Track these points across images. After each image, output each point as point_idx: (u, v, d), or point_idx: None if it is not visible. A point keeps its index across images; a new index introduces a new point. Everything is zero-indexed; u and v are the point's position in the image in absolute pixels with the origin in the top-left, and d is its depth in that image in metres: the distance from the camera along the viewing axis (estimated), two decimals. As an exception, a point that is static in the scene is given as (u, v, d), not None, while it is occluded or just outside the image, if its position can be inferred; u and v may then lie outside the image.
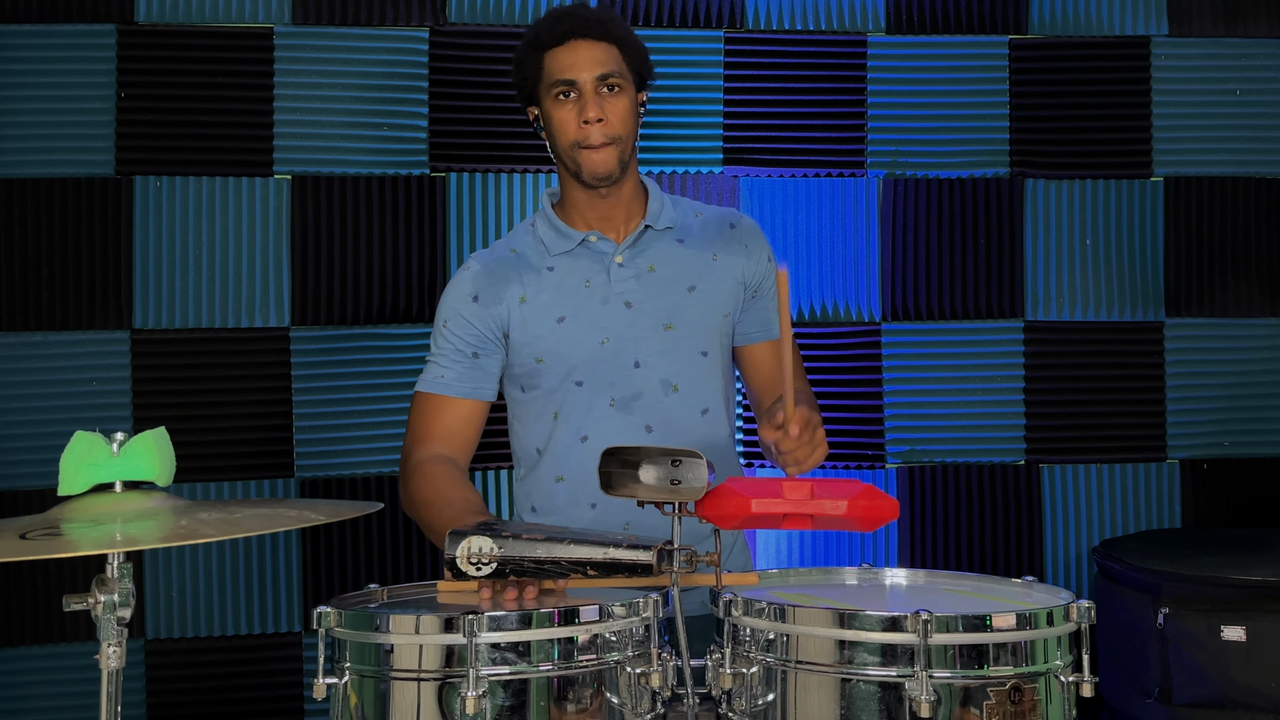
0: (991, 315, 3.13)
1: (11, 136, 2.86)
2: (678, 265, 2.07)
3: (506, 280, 2.04)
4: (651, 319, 2.04)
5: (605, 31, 1.99)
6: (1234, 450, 3.18)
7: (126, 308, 2.88)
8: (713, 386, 2.08)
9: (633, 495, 1.51)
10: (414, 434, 2.03)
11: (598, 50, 1.97)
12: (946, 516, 3.10)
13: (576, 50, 1.97)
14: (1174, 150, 3.16)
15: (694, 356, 2.06)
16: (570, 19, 1.99)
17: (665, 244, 2.09)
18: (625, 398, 2.03)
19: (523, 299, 2.03)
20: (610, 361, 2.02)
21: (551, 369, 2.03)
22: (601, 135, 1.97)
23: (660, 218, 2.09)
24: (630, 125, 2.02)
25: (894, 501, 1.53)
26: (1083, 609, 1.48)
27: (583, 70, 1.96)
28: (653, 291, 2.05)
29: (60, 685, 2.82)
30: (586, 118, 1.95)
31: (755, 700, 1.49)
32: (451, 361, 2.03)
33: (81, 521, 1.38)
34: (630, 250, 2.06)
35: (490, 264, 2.07)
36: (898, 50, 3.11)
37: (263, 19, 2.93)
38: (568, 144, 1.99)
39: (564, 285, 2.04)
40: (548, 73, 1.99)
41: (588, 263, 2.06)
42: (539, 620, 1.44)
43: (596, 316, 2.03)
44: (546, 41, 1.99)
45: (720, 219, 2.16)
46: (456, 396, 2.02)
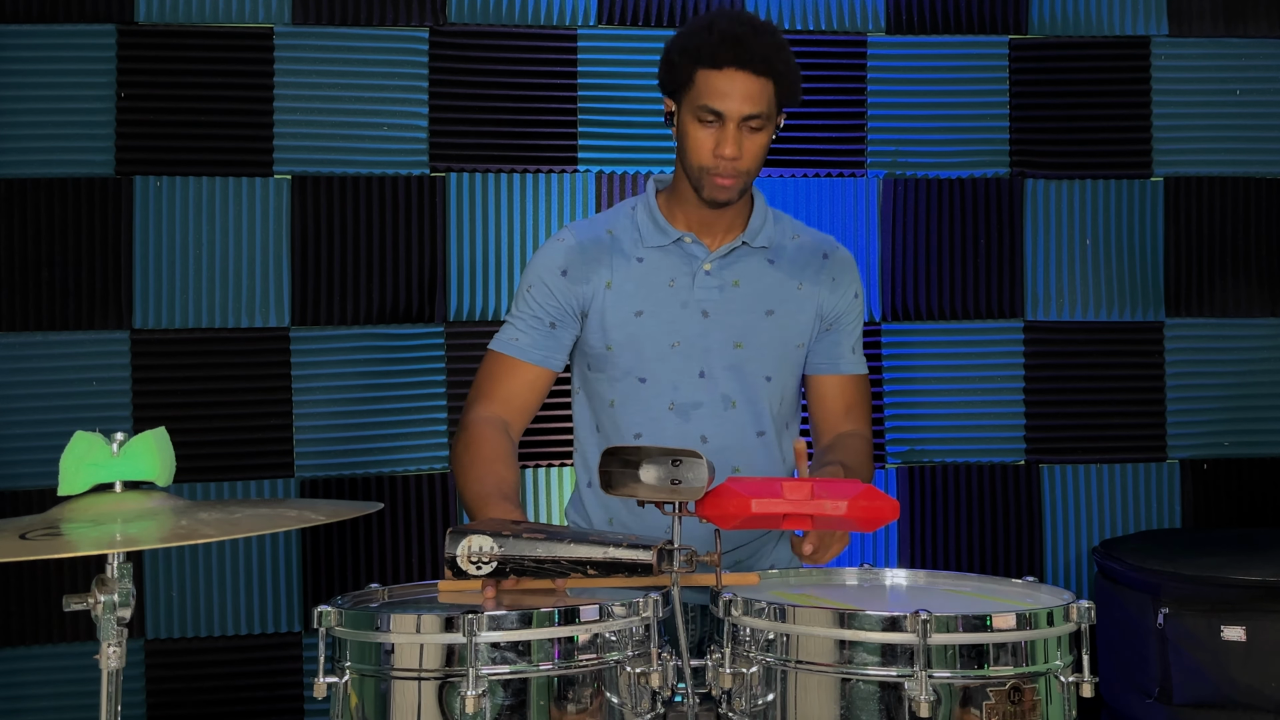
0: (991, 315, 3.12)
1: (11, 136, 2.85)
2: (762, 286, 2.07)
3: (598, 261, 2.05)
4: (724, 333, 2.04)
5: (768, 67, 1.91)
6: (1234, 450, 3.18)
7: (126, 308, 2.88)
8: (772, 412, 2.08)
9: (633, 495, 1.51)
10: (479, 389, 2.06)
11: (753, 86, 1.90)
12: (946, 516, 3.10)
13: (733, 81, 1.89)
14: (1174, 150, 3.16)
15: (757, 379, 2.06)
16: (736, 47, 1.90)
17: (756, 262, 2.08)
18: (685, 404, 2.03)
19: (609, 284, 2.04)
20: (676, 366, 2.03)
21: (619, 359, 2.03)
22: (733, 170, 1.94)
23: (759, 235, 2.07)
24: (761, 159, 1.98)
25: (894, 502, 1.53)
26: (1083, 609, 1.48)
27: (732, 104, 1.90)
28: (731, 306, 2.05)
29: (60, 685, 2.82)
30: (723, 153, 1.91)
31: (755, 700, 1.49)
32: (528, 326, 2.05)
33: (81, 521, 1.38)
34: (720, 261, 2.05)
35: (585, 241, 2.07)
36: (898, 50, 3.11)
37: (263, 19, 2.93)
38: (697, 164, 1.95)
39: (649, 279, 2.04)
40: (697, 90, 1.92)
41: (677, 262, 2.05)
42: (539, 620, 1.44)
43: (673, 318, 2.03)
44: (706, 60, 1.91)
45: (815, 246, 2.14)
46: (527, 361, 2.04)
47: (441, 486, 2.98)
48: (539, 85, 3.01)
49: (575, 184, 3.02)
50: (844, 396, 2.14)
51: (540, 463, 2.99)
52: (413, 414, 2.97)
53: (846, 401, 2.14)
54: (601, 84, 3.02)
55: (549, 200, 3.01)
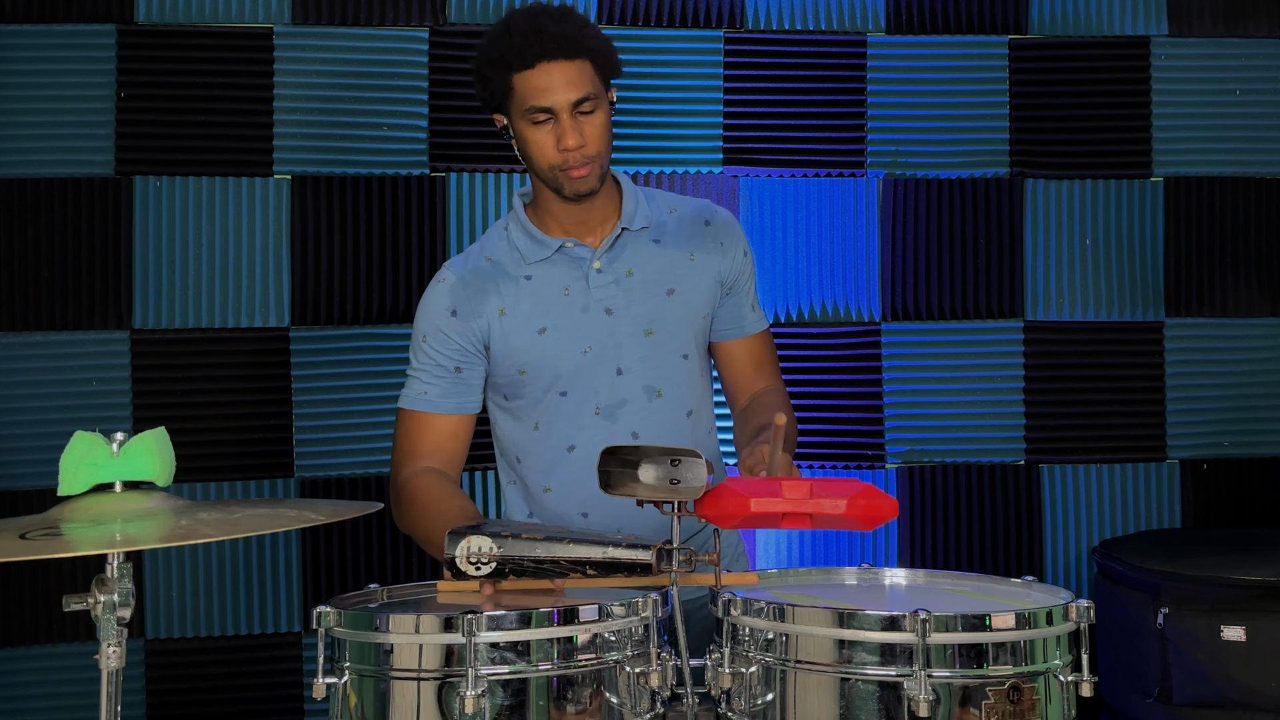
0: (991, 315, 3.13)
1: (11, 136, 2.86)
2: (655, 268, 2.05)
3: (484, 292, 2.01)
4: (632, 325, 2.02)
5: (577, 47, 1.90)
6: (1234, 450, 3.18)
7: (126, 308, 2.88)
8: (694, 388, 2.08)
9: (632, 494, 1.51)
10: (401, 451, 2.01)
11: (571, 70, 1.89)
12: (946, 516, 3.10)
13: (550, 73, 1.88)
14: (1174, 150, 3.16)
15: (675, 360, 2.05)
16: (540, 40, 1.89)
17: (642, 245, 2.06)
18: (609, 405, 2.01)
19: (502, 311, 2.00)
20: (593, 370, 2.01)
21: (535, 380, 2.01)
22: (581, 158, 1.92)
23: (635, 218, 2.05)
24: (607, 140, 1.96)
25: (893, 501, 1.53)
26: (1082, 608, 1.48)
27: (558, 95, 1.89)
28: (632, 297, 2.03)
29: (60, 685, 2.82)
30: (566, 145, 1.90)
31: (754, 700, 1.49)
32: (434, 378, 2.00)
33: (81, 521, 1.38)
34: (608, 255, 2.03)
35: (466, 275, 2.03)
36: (898, 50, 3.11)
37: (263, 19, 2.93)
38: (547, 166, 1.94)
39: (543, 294, 2.01)
40: (520, 96, 1.90)
41: (566, 269, 2.02)
42: (538, 620, 1.44)
43: (578, 325, 2.00)
44: (516, 63, 1.90)
45: (695, 215, 2.12)
46: (442, 413, 2.00)
47: (441, 486, 2.98)
48: (539, 85, 3.01)
49: (575, 184, 3.02)
50: (753, 355, 2.15)
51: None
52: (413, 414, 2.97)
53: (756, 360, 2.15)
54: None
55: (549, 200, 3.01)
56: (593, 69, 1.93)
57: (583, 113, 1.91)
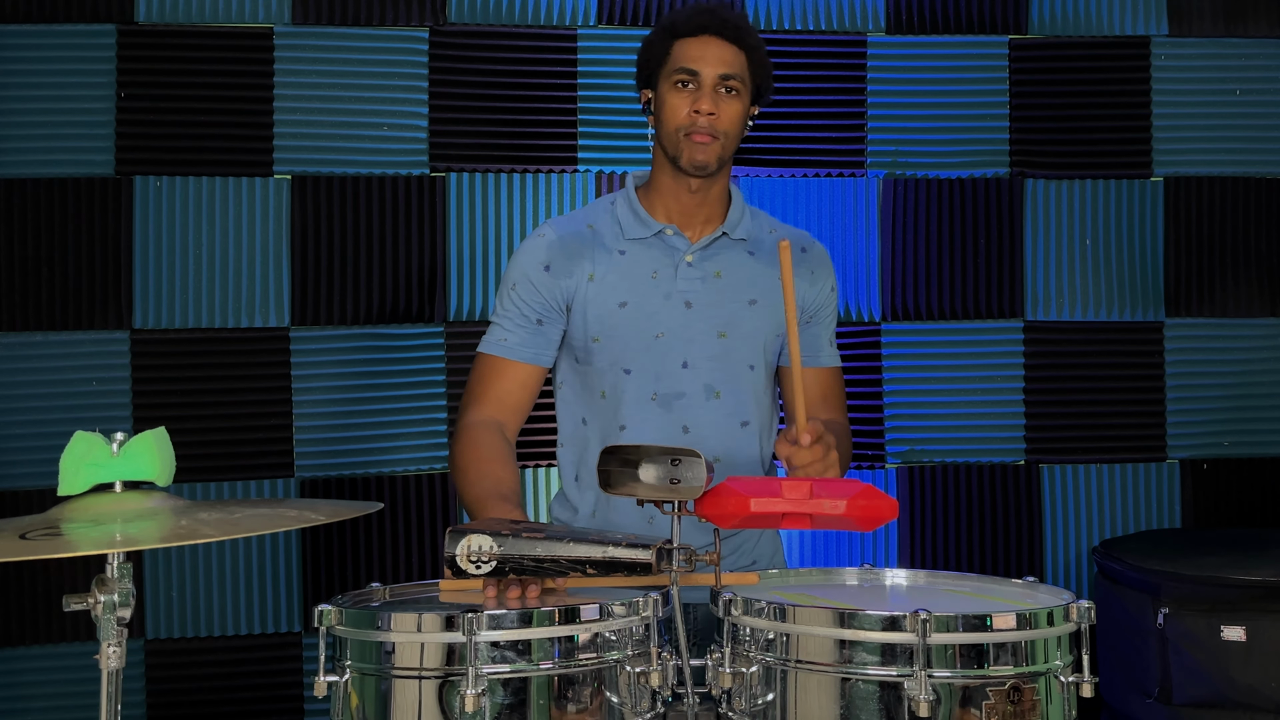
0: (991, 315, 3.13)
1: (11, 136, 2.86)
2: (743, 276, 2.08)
3: (579, 255, 2.06)
4: (707, 323, 2.05)
5: (739, 36, 2.02)
6: (1234, 450, 3.18)
7: (126, 308, 2.88)
8: (755, 401, 2.09)
9: (632, 494, 1.51)
10: (471, 394, 2.05)
11: (727, 51, 2.00)
12: (946, 516, 3.10)
13: (707, 45, 2.00)
14: (1174, 150, 3.16)
15: (741, 368, 2.07)
16: (710, 15, 2.02)
17: (736, 253, 2.10)
18: (668, 395, 2.03)
19: (591, 276, 2.04)
20: (660, 356, 2.03)
21: (604, 350, 2.04)
22: (709, 126, 1.98)
23: (738, 228, 2.10)
24: (738, 127, 2.03)
25: (893, 501, 1.53)
26: (1082, 609, 1.48)
27: (708, 65, 1.98)
28: (714, 297, 2.06)
29: (60, 685, 2.82)
30: (700, 108, 1.98)
31: (755, 700, 1.49)
32: (515, 325, 2.05)
33: (81, 521, 1.38)
34: (702, 252, 2.07)
35: (566, 235, 2.08)
36: (898, 50, 3.11)
37: (263, 19, 2.93)
38: (674, 128, 2.00)
39: (632, 271, 2.05)
40: (674, 58, 2.01)
41: (659, 254, 2.07)
42: (539, 619, 1.44)
43: (656, 309, 2.04)
44: (682, 29, 2.02)
45: (794, 240, 2.16)
46: (517, 360, 2.04)
47: (441, 486, 2.98)
48: (539, 85, 3.02)
49: (575, 184, 3.02)
50: (821, 387, 2.17)
51: (527, 463, 3.00)
52: (412, 414, 2.97)
53: (824, 391, 2.17)
54: (601, 84, 3.02)
55: (549, 200, 3.01)
56: (747, 62, 2.03)
57: (726, 89, 2.00)
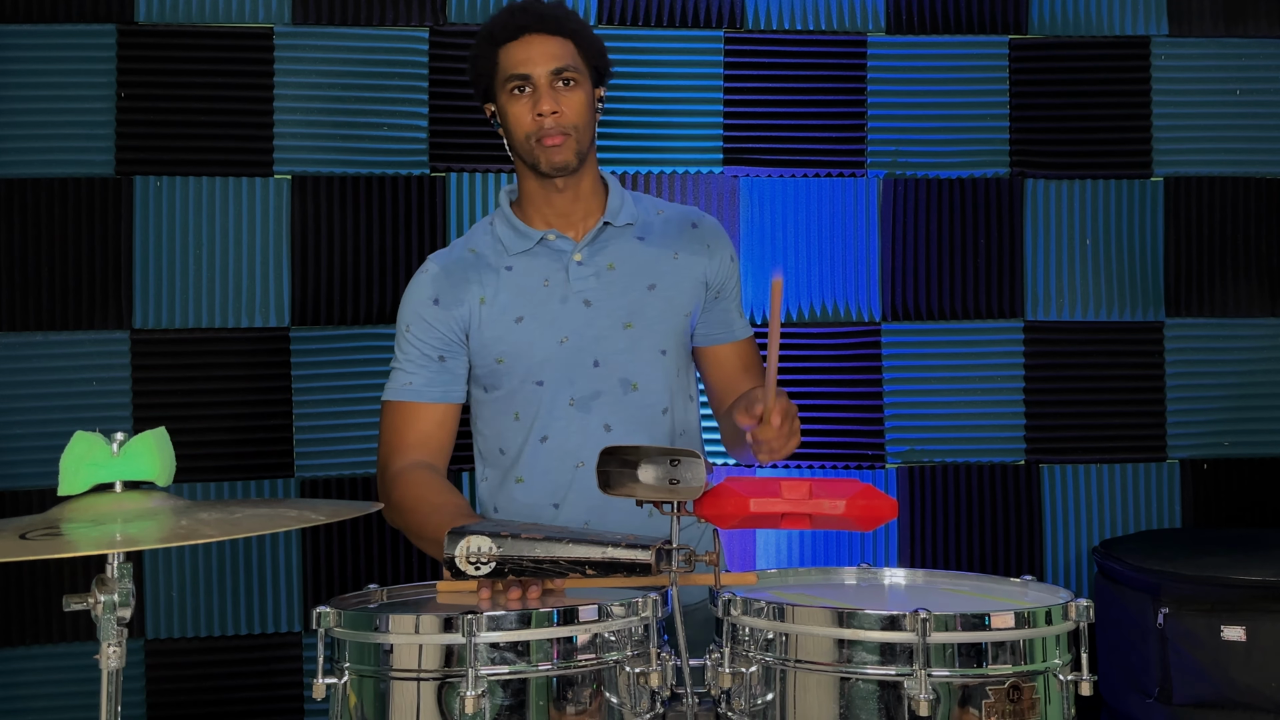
0: (991, 315, 3.12)
1: (11, 136, 2.86)
2: (638, 263, 2.07)
3: (466, 281, 2.04)
4: (611, 318, 2.03)
5: (560, 26, 1.99)
6: (1234, 450, 3.18)
7: (126, 308, 2.88)
8: (671, 386, 2.08)
9: (631, 494, 1.51)
10: (389, 445, 2.02)
11: (552, 44, 1.97)
12: (946, 516, 3.10)
13: (531, 45, 1.97)
14: (1174, 150, 3.16)
15: (653, 355, 2.06)
16: (524, 14, 1.99)
17: (625, 241, 2.08)
18: (584, 397, 2.02)
19: (482, 300, 2.02)
20: (569, 361, 2.02)
21: (511, 369, 2.02)
22: (556, 125, 1.96)
23: (620, 214, 2.08)
24: (586, 117, 2.01)
25: (892, 501, 1.53)
26: (1081, 608, 1.48)
27: (537, 65, 1.96)
28: (612, 290, 2.04)
29: (60, 685, 2.82)
30: (541, 110, 1.95)
31: (754, 699, 1.49)
32: (418, 367, 2.02)
33: (81, 521, 1.38)
34: (589, 248, 2.05)
35: (449, 265, 2.06)
36: (898, 50, 3.11)
37: (263, 19, 2.93)
38: (523, 136, 1.99)
39: (523, 285, 2.03)
40: (502, 68, 1.99)
41: (546, 261, 2.05)
42: (538, 620, 1.45)
43: (555, 315, 2.02)
44: (501, 36, 1.99)
45: (682, 217, 2.15)
46: (427, 402, 2.01)
47: (441, 486, 2.98)
48: (539, 85, 3.01)
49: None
50: (741, 359, 2.17)
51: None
52: (413, 414, 2.96)
53: (744, 364, 2.17)
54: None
55: (549, 200, 3.01)
56: (575, 49, 2.00)
57: (563, 83, 1.97)
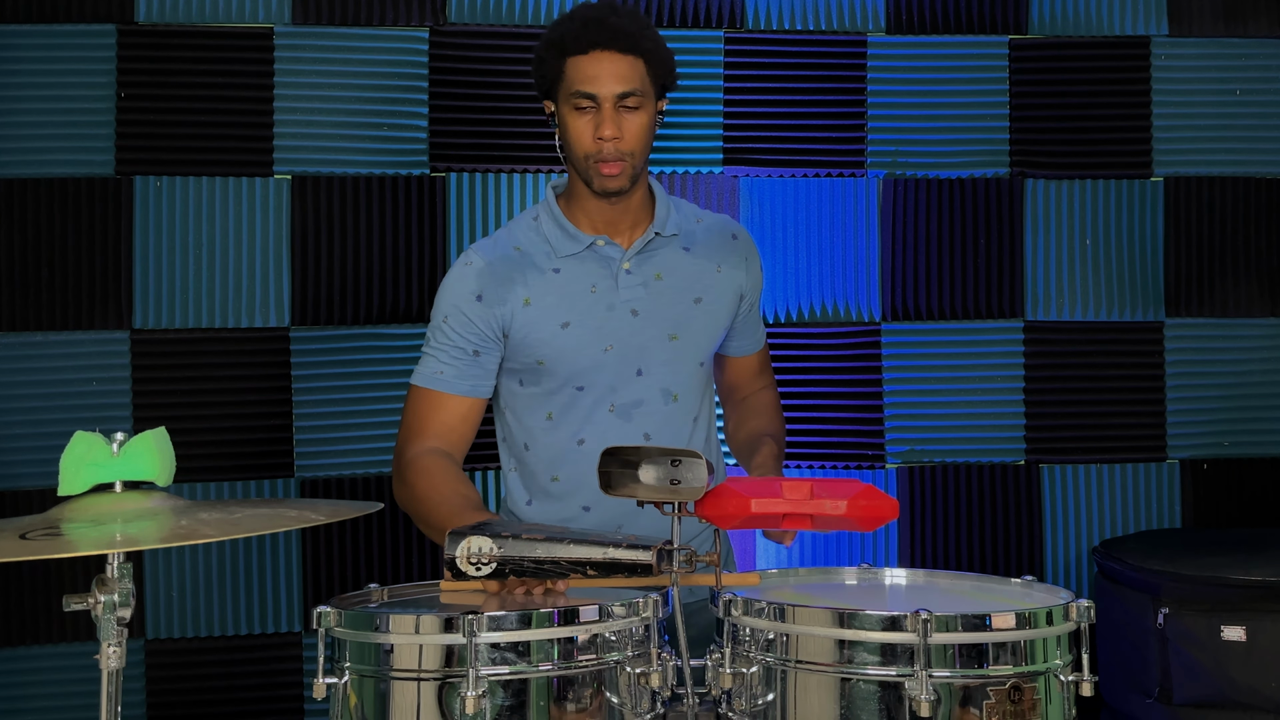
0: (991, 315, 3.12)
1: (11, 136, 2.85)
2: (684, 275, 2.07)
3: (510, 280, 2.01)
4: (657, 329, 2.04)
5: (633, 44, 1.93)
6: (1234, 450, 3.18)
7: (126, 308, 2.88)
8: (702, 394, 2.12)
9: (632, 495, 1.51)
10: (409, 429, 2.01)
11: (622, 65, 1.92)
12: (946, 516, 3.10)
13: (600, 63, 1.92)
14: (1174, 150, 3.16)
15: (693, 367, 2.08)
16: (599, 28, 1.93)
17: (672, 251, 2.08)
18: (625, 405, 2.03)
19: (527, 301, 2.00)
20: (613, 369, 2.02)
21: (553, 372, 2.01)
22: (616, 152, 1.94)
23: (668, 224, 2.08)
24: (645, 141, 1.98)
25: (893, 501, 1.53)
26: (1082, 608, 1.48)
27: (604, 85, 1.92)
28: (659, 301, 2.04)
29: (60, 685, 2.82)
30: (603, 134, 1.92)
31: (755, 700, 1.49)
32: (451, 358, 2.01)
33: (81, 521, 1.38)
34: (638, 257, 2.05)
35: (494, 261, 2.03)
36: (898, 50, 3.11)
37: (263, 19, 2.93)
38: (581, 155, 1.96)
39: (570, 289, 2.02)
40: (569, 79, 1.94)
41: (594, 267, 2.03)
42: (539, 620, 1.45)
43: (601, 323, 2.02)
44: (571, 47, 1.93)
45: (721, 228, 2.16)
46: (455, 394, 2.00)
47: (441, 486, 2.98)
48: (539, 85, 3.01)
49: (575, 184, 3.02)
50: (757, 365, 2.26)
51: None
52: (413, 414, 2.96)
53: (760, 367, 2.27)
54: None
55: (549, 200, 3.01)
56: (645, 69, 1.95)
57: (626, 108, 1.94)
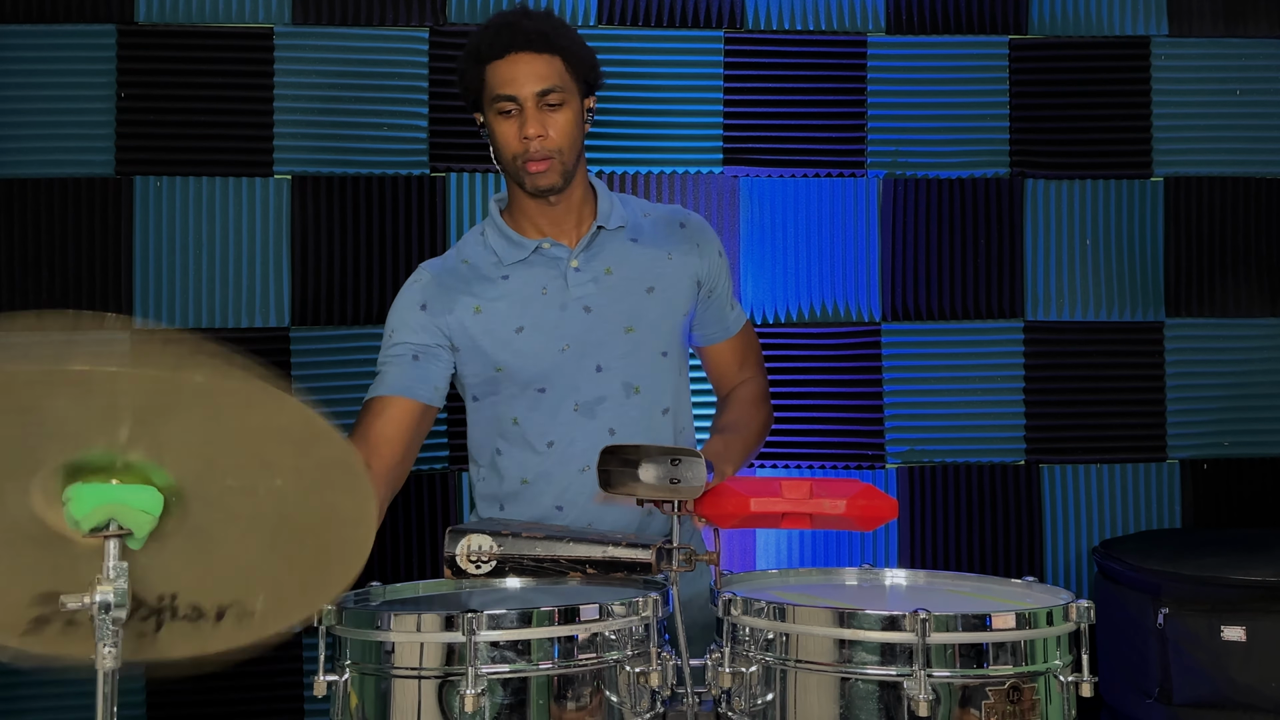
0: (991, 315, 3.12)
1: (11, 136, 2.85)
2: (634, 266, 2.07)
3: (457, 290, 2.03)
4: (612, 322, 2.04)
5: (547, 43, 1.96)
6: (1234, 450, 3.18)
7: (126, 308, 2.88)
8: (671, 386, 2.09)
9: (632, 494, 1.51)
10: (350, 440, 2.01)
11: (539, 64, 1.95)
12: (946, 516, 3.10)
13: (517, 65, 1.94)
14: (1174, 150, 3.16)
15: (655, 358, 2.07)
16: (511, 31, 1.96)
17: (619, 244, 2.08)
18: (589, 402, 2.02)
19: (477, 309, 2.02)
20: (572, 367, 2.02)
21: (512, 377, 2.02)
22: (542, 150, 1.95)
23: (611, 217, 2.08)
24: (573, 136, 1.99)
25: (893, 501, 1.54)
26: (1082, 609, 1.48)
27: (523, 86, 1.94)
28: (611, 294, 2.04)
29: (60, 685, 2.81)
30: (527, 133, 1.94)
31: (754, 699, 1.49)
32: (392, 366, 2.02)
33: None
34: (585, 253, 2.05)
35: (441, 274, 2.05)
36: (898, 50, 3.11)
37: (263, 19, 2.93)
38: (510, 157, 1.98)
39: (521, 294, 2.03)
40: (489, 86, 1.97)
41: (543, 269, 2.04)
42: (539, 618, 1.45)
43: (556, 323, 2.02)
44: (487, 54, 1.97)
45: (669, 217, 2.16)
46: (389, 394, 1.99)
47: (441, 486, 2.98)
48: (539, 85, 3.01)
49: (575, 184, 3.02)
50: (736, 352, 2.22)
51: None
52: (413, 414, 2.96)
53: (740, 356, 2.22)
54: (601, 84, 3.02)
55: (549, 200, 3.01)
56: (564, 67, 1.97)
57: (549, 104, 1.95)
